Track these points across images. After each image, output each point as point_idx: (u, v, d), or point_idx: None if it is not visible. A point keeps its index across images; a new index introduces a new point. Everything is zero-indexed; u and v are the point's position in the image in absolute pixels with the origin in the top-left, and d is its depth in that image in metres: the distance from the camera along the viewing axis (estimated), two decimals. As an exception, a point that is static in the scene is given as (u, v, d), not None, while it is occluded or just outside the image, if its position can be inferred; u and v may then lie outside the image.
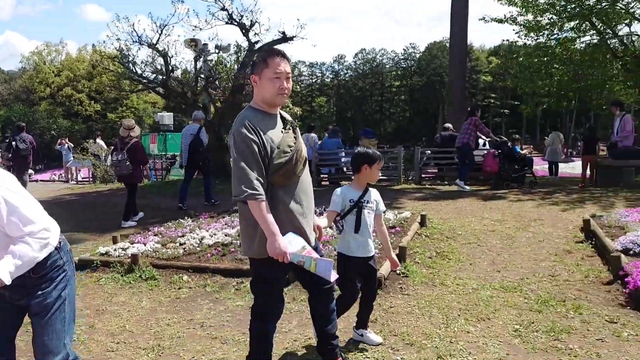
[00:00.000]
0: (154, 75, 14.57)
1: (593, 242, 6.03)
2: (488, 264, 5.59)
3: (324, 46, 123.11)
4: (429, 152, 13.75)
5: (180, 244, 6.27)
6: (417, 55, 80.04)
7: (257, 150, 2.64)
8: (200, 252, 5.96)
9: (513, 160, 11.39)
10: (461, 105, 17.63)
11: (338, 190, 3.50)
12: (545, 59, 16.26)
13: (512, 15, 16.36)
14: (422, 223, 6.99)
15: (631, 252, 5.14)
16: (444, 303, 4.41)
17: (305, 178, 2.90)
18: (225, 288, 5.04)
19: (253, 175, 2.60)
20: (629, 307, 4.19)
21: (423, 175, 13.48)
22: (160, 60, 14.24)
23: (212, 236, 6.40)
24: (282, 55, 2.78)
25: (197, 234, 6.53)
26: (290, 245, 2.71)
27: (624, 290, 4.42)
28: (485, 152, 11.83)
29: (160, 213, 9.63)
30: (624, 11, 15.30)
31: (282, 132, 2.78)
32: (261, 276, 2.89)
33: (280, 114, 2.89)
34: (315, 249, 2.96)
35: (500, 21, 16.51)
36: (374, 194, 3.54)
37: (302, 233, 2.82)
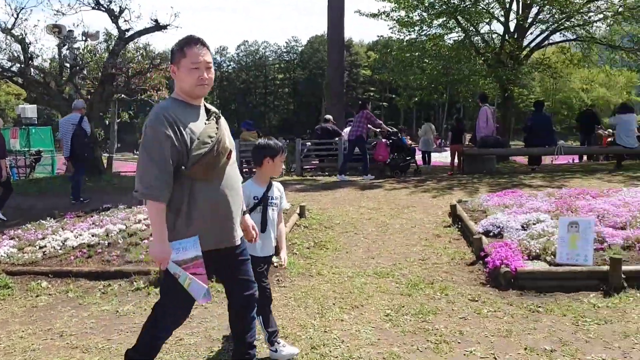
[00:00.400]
0: (11, 63, 13.23)
1: (459, 226, 6.40)
2: (363, 251, 5.73)
3: (233, 36, 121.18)
4: (309, 143, 13.93)
5: (40, 247, 5.75)
6: (300, 49, 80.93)
7: (167, 145, 2.45)
8: (62, 255, 5.51)
9: (402, 150, 12.04)
10: (339, 98, 18.03)
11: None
12: (417, 53, 17.13)
13: (386, 11, 17.00)
14: (301, 214, 7.01)
15: (491, 233, 5.52)
16: (319, 293, 4.43)
17: (231, 173, 2.71)
18: (90, 293, 4.68)
19: (154, 172, 2.43)
20: (488, 285, 4.48)
21: (304, 167, 13.62)
22: (17, 47, 12.95)
23: (77, 237, 5.93)
24: (202, 43, 2.61)
25: (60, 236, 6.01)
26: (179, 252, 2.54)
27: (485, 269, 4.72)
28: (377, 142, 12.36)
29: (21, 214, 8.77)
30: (485, 11, 16.51)
31: (205, 123, 2.62)
32: (170, 279, 2.64)
33: (204, 105, 2.72)
34: (242, 250, 2.80)
35: (374, 15, 17.08)
36: (278, 189, 3.39)
37: (225, 232, 2.67)
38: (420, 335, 3.54)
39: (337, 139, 13.21)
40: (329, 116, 14.61)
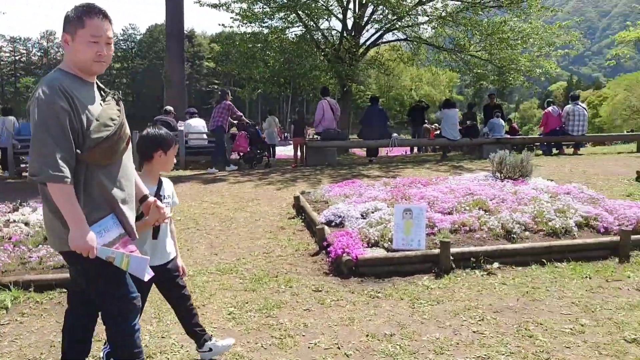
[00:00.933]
0: None
1: (303, 217, 6.43)
2: (206, 247, 5.47)
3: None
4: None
5: None
6: (138, 37, 76.80)
7: (66, 120, 2.19)
8: None
9: (258, 142, 12.27)
10: (180, 90, 17.35)
11: None
12: (260, 45, 17.08)
13: (227, 2, 16.66)
14: (138, 211, 6.53)
15: (333, 223, 5.60)
16: (157, 295, 4.07)
17: (127, 161, 2.48)
18: None
19: (57, 150, 2.15)
20: (331, 275, 4.52)
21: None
22: None
23: None
24: (104, 15, 2.34)
25: None
26: (103, 235, 2.28)
27: (328, 259, 4.76)
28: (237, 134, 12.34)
29: None
30: (324, 7, 16.99)
31: (101, 104, 2.38)
32: (95, 270, 2.32)
33: (97, 84, 2.46)
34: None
35: (215, 6, 16.66)
36: (169, 186, 2.99)
37: (123, 223, 2.39)
38: (264, 332, 3.42)
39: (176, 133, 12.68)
40: (169, 107, 13.92)
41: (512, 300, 3.88)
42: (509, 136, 14.05)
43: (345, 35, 17.51)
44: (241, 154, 12.34)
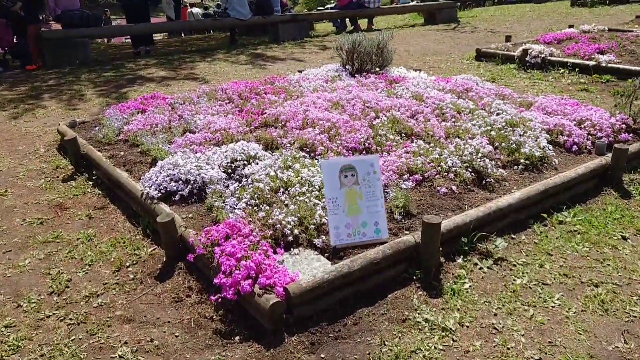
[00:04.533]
0: None
1: (94, 176, 3.61)
2: None
3: None
4: None
5: None
6: None
7: None
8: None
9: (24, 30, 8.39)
10: None
11: None
12: None
13: None
14: None
15: (177, 197, 2.97)
16: None
17: None
18: None
19: None
20: (239, 340, 2.08)
21: None
22: None
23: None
24: None
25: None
26: None
27: (214, 296, 2.26)
28: None
29: None
30: None
31: None
32: None
33: None
34: None
35: None
36: None
37: None
38: None
39: None
40: None
41: (611, 333, 2.08)
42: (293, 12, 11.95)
43: None
44: (6, 49, 8.51)
